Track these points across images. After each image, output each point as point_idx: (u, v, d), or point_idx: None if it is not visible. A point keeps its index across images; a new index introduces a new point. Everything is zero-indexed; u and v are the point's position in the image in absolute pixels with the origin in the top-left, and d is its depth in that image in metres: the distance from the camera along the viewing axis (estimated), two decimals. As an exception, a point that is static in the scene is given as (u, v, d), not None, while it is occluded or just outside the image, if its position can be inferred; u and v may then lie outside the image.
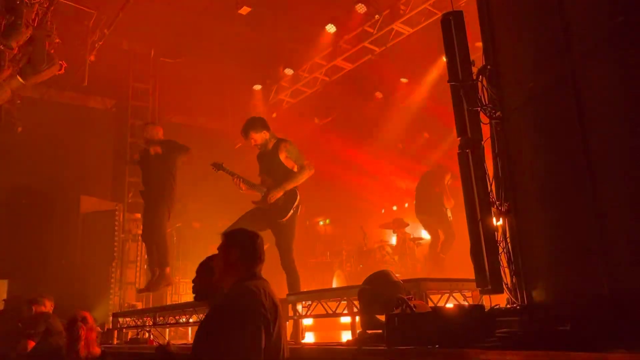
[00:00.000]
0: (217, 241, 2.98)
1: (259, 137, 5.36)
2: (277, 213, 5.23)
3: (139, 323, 6.13)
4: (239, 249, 2.84)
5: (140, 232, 9.76)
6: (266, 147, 5.38)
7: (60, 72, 7.28)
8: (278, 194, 5.20)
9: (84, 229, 9.07)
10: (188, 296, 10.00)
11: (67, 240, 8.94)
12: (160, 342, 5.63)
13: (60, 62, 7.25)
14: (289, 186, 5.25)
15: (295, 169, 5.37)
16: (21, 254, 8.64)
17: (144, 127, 6.84)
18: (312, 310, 4.29)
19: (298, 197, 5.32)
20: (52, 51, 6.96)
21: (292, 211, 5.24)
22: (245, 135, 5.38)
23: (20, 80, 6.58)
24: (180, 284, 10.17)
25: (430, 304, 3.41)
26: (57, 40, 7.08)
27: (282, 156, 5.33)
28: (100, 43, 8.72)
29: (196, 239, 10.38)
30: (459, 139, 3.11)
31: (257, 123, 5.40)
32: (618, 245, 2.14)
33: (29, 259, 8.54)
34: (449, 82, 3.20)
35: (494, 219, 3.01)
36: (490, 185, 3.05)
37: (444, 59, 3.35)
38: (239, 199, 6.92)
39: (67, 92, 10.51)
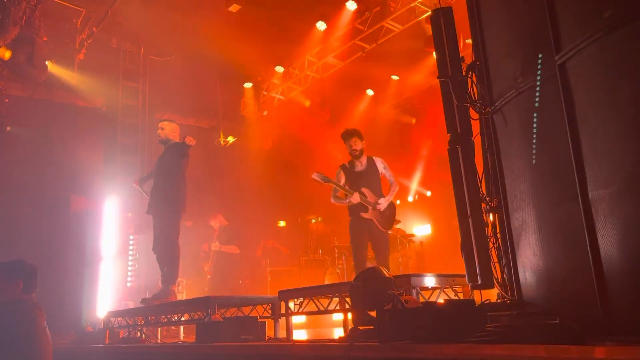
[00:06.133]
0: (209, 239, 2.98)
1: (361, 144, 5.77)
2: (385, 223, 5.67)
3: (130, 322, 6.09)
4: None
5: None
6: (359, 157, 5.76)
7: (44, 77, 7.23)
8: (385, 206, 5.64)
9: (74, 228, 9.01)
10: (179, 295, 9.98)
11: (57, 239, 8.87)
12: (152, 341, 5.61)
13: (49, 60, 7.22)
14: (391, 199, 5.72)
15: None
16: (11, 253, 8.55)
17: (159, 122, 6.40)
18: (304, 307, 4.29)
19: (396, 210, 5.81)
20: (40, 52, 6.93)
21: (394, 223, 5.77)
22: (350, 137, 5.75)
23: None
24: (172, 283, 10.12)
25: (422, 300, 3.41)
26: (45, 39, 7.04)
27: (379, 170, 5.83)
28: (89, 41, 8.66)
29: (189, 238, 10.32)
30: (449, 134, 3.12)
31: (360, 132, 5.84)
32: (606, 240, 2.16)
33: (18, 258, 8.46)
34: (438, 78, 3.21)
35: (484, 215, 3.02)
36: (480, 180, 3.06)
37: (434, 55, 3.35)
38: (231, 197, 6.91)
39: (56, 91, 10.43)
